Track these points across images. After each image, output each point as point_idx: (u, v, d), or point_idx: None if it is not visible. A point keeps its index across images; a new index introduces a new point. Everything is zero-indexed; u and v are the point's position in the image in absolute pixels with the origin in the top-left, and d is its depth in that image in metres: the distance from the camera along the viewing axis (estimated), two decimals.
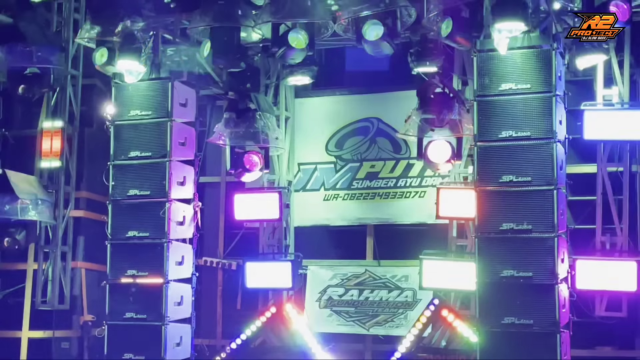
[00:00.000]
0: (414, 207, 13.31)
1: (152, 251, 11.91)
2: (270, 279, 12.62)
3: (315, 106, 13.91)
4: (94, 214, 13.76)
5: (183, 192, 12.24)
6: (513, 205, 10.51)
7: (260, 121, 12.17)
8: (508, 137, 10.56)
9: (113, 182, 12.20)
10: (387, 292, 13.27)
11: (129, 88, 12.18)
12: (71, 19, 13.61)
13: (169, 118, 12.03)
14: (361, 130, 13.75)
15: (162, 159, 12.00)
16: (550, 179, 10.37)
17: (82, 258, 14.04)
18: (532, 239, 10.38)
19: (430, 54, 11.37)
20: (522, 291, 10.35)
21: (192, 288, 12.29)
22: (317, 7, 11.17)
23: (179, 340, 11.98)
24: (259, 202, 12.70)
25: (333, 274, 13.56)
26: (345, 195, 13.72)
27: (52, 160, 13.46)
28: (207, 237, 14.02)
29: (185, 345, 12.11)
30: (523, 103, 10.56)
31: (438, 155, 11.56)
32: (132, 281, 11.88)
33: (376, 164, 13.66)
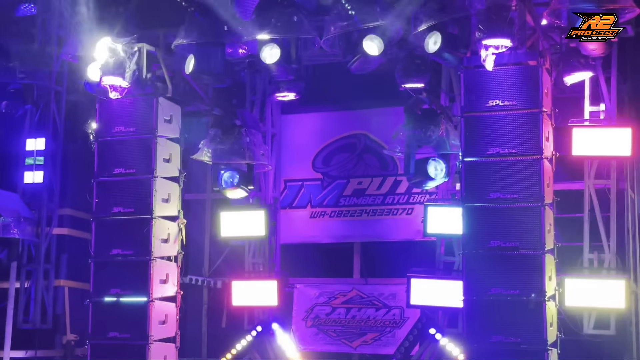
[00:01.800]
0: (402, 224, 13.24)
1: (136, 269, 11.79)
2: (256, 297, 12.50)
3: (302, 122, 13.86)
4: (77, 231, 13.62)
5: (168, 209, 12.13)
6: (500, 222, 10.46)
7: (246, 137, 12.09)
8: (495, 154, 10.52)
9: (97, 199, 12.09)
10: (375, 310, 13.18)
11: (113, 104, 12.09)
12: (55, 34, 13.53)
13: (153, 134, 11.94)
14: (348, 146, 13.71)
15: (147, 175, 11.91)
16: (538, 196, 10.33)
17: (66, 276, 13.90)
18: (519, 256, 10.33)
19: (418, 70, 11.36)
20: (510, 309, 10.28)
21: (176, 307, 12.17)
22: (304, 22, 11.14)
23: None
24: (244, 220, 12.60)
25: (320, 292, 13.46)
26: (332, 212, 13.65)
27: (35, 177, 13.32)
28: (192, 254, 13.88)
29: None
30: (510, 119, 10.53)
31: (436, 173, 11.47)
32: (116, 300, 11.74)
33: (363, 181, 13.60)
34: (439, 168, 11.30)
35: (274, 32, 11.12)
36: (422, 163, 11.37)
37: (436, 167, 11.29)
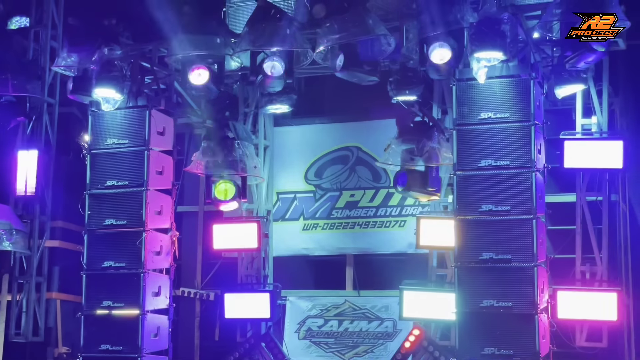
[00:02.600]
0: (394, 236, 13.24)
1: (129, 282, 11.76)
2: (249, 309, 12.46)
3: (295, 135, 13.85)
4: (69, 244, 13.58)
5: (160, 222, 12.11)
6: (493, 234, 10.48)
7: (239, 150, 12.10)
8: (487, 166, 10.55)
9: (89, 212, 12.07)
10: (367, 323, 13.17)
11: (105, 116, 12.08)
12: (48, 46, 13.55)
13: (146, 147, 11.93)
14: (341, 159, 13.71)
15: (139, 188, 11.89)
16: (530, 208, 10.35)
17: (57, 289, 13.83)
18: (511, 268, 10.35)
19: (410, 82, 11.38)
20: (502, 321, 10.28)
21: (169, 319, 12.14)
22: (296, 35, 11.16)
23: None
24: (237, 232, 12.57)
25: (312, 305, 13.44)
26: (324, 224, 13.64)
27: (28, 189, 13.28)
28: (185, 267, 13.86)
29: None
30: (502, 132, 10.56)
31: None
32: (108, 313, 11.70)
33: (356, 193, 13.60)
34: None
35: (267, 44, 11.14)
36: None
37: None
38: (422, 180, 11.36)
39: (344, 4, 10.98)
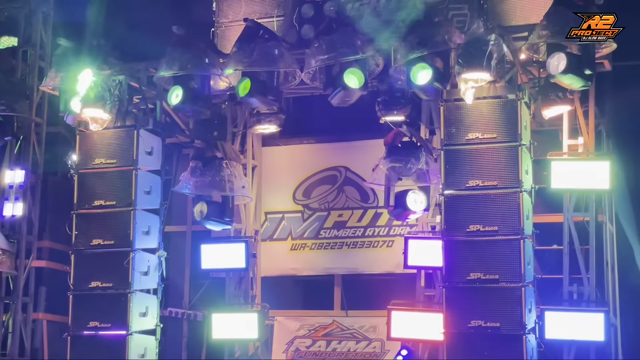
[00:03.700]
0: (382, 256, 13.23)
1: (116, 302, 11.71)
2: (237, 330, 12.41)
3: (283, 155, 13.86)
4: (56, 264, 13.51)
5: (148, 242, 12.08)
6: (480, 254, 10.50)
7: (227, 170, 12.09)
8: (475, 187, 10.58)
9: (76, 232, 12.02)
10: (355, 343, 13.13)
11: (93, 136, 12.08)
12: (36, 66, 13.54)
13: (134, 166, 11.92)
14: (329, 178, 13.71)
15: (127, 207, 11.87)
16: (517, 229, 10.38)
17: (44, 309, 13.77)
18: (499, 288, 10.36)
19: (398, 103, 11.45)
20: (490, 341, 10.28)
21: (156, 340, 12.07)
22: (285, 55, 11.20)
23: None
24: (225, 252, 12.54)
25: (300, 325, 13.40)
26: (312, 244, 13.62)
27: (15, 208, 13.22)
28: (172, 287, 13.80)
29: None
30: (489, 152, 10.61)
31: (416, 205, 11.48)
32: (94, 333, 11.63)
33: (344, 213, 13.59)
34: (418, 200, 11.33)
35: (256, 64, 11.17)
36: (402, 195, 11.40)
37: (416, 199, 11.31)
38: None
39: (333, 25, 11.04)
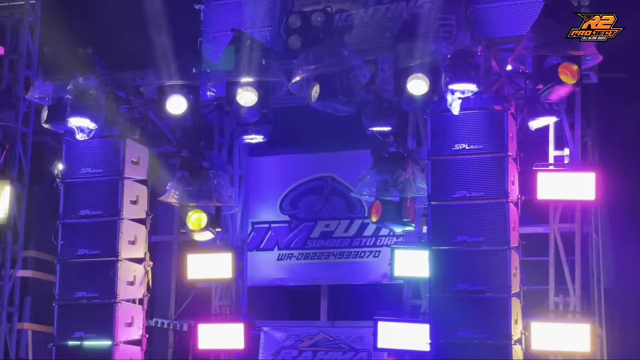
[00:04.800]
0: (369, 267, 13.24)
1: (101, 312, 11.63)
2: (223, 340, 12.38)
3: (270, 165, 13.87)
4: (42, 273, 13.45)
5: (134, 252, 12.03)
6: (467, 265, 10.49)
7: (214, 179, 12.07)
8: (461, 197, 10.59)
9: (62, 241, 11.95)
10: (342, 354, 13.11)
11: (80, 145, 12.02)
12: (23, 75, 13.49)
13: (120, 176, 11.88)
14: (315, 189, 13.72)
15: (113, 217, 11.82)
16: (504, 239, 10.39)
17: (29, 319, 13.68)
18: (486, 299, 10.35)
19: (385, 113, 11.45)
20: (477, 352, 10.27)
21: (141, 350, 12.01)
22: (272, 65, 11.21)
23: None
24: (211, 262, 12.51)
25: (287, 335, 13.37)
26: (299, 254, 13.62)
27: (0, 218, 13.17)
28: (158, 297, 13.77)
29: None
30: (476, 163, 10.62)
31: None
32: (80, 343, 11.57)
33: (330, 223, 13.60)
34: None
35: (242, 74, 11.17)
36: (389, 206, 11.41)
37: None
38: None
39: (320, 35, 11.07)
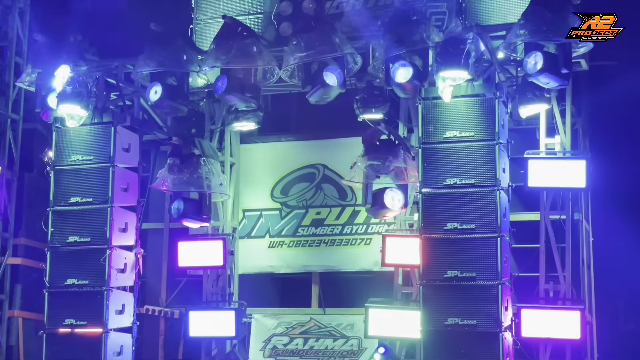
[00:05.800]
0: (360, 254, 13.25)
1: (92, 299, 11.64)
2: (214, 327, 12.38)
3: (261, 152, 13.84)
4: (32, 261, 13.42)
5: (125, 239, 12.02)
6: (457, 252, 10.52)
7: (205, 167, 12.05)
8: (452, 185, 10.61)
9: (52, 229, 11.94)
10: (333, 341, 13.14)
11: (70, 132, 11.99)
12: (12, 62, 13.44)
13: (111, 163, 11.86)
14: (307, 176, 13.71)
15: (104, 204, 11.80)
16: (494, 227, 10.41)
17: (20, 307, 13.66)
18: (476, 286, 10.39)
19: (376, 101, 11.46)
20: (467, 339, 10.31)
21: (132, 337, 12.01)
22: (263, 52, 11.18)
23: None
24: (202, 249, 12.49)
25: (278, 323, 13.39)
26: (290, 242, 13.61)
27: None
28: (149, 284, 13.77)
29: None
30: (467, 151, 10.63)
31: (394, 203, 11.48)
32: (70, 331, 11.56)
33: (322, 211, 13.60)
34: (396, 198, 11.34)
35: (234, 62, 11.14)
36: (379, 193, 11.41)
37: (394, 197, 11.33)
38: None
39: (311, 23, 11.03)
